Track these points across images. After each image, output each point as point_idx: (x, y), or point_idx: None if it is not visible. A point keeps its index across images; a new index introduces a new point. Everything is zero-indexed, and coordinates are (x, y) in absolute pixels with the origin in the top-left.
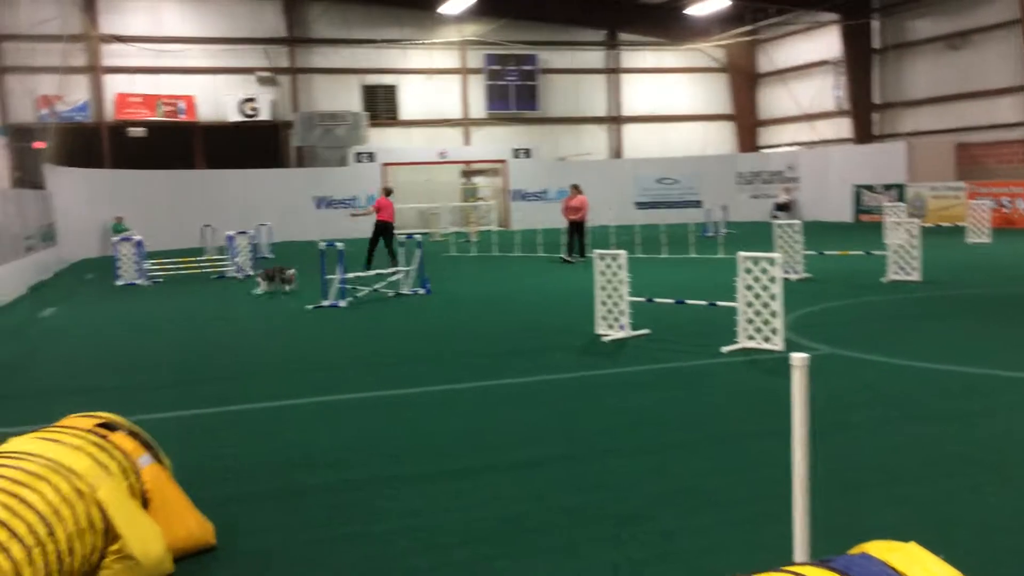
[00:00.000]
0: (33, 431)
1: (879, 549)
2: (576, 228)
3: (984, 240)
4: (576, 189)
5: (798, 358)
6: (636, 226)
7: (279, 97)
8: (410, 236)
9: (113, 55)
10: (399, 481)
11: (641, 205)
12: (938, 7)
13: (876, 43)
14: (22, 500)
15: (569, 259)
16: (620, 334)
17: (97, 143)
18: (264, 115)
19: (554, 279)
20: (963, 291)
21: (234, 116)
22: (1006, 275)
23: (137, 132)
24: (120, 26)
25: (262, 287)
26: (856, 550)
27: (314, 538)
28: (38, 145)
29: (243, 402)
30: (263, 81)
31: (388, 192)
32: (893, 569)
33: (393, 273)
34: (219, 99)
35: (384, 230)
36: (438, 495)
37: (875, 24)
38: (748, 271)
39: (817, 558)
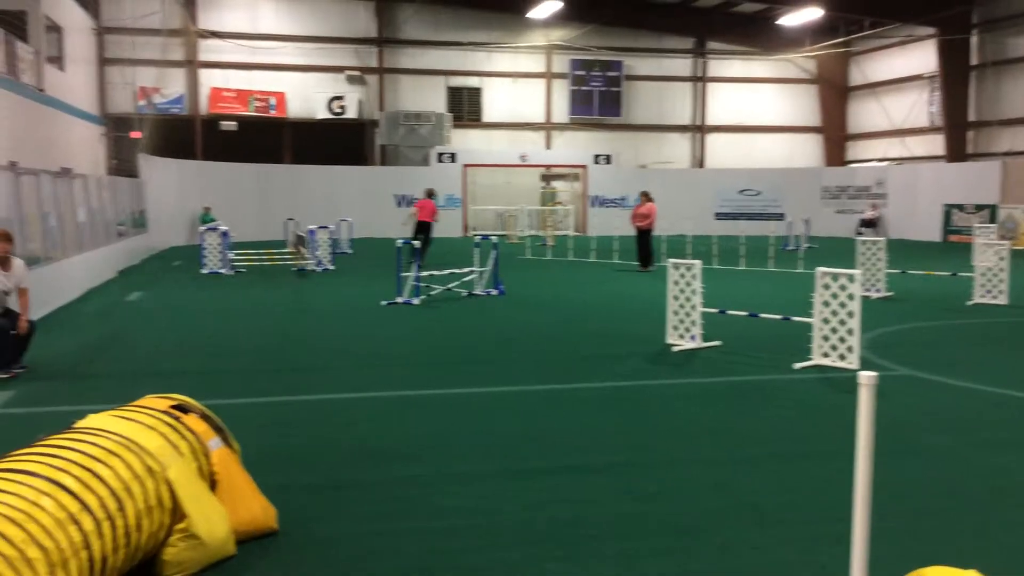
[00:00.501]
0: (111, 409)
1: (938, 574)
2: (643, 236)
3: None
4: (646, 196)
5: (866, 376)
6: (714, 236)
7: (366, 96)
8: (486, 237)
9: (209, 50)
10: (463, 478)
11: (721, 216)
12: None
13: (974, 59)
14: (96, 475)
15: (645, 268)
16: (690, 344)
17: (190, 135)
18: (351, 113)
19: (628, 286)
20: None
21: (322, 113)
22: None
23: (228, 126)
24: (217, 22)
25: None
26: (914, 575)
27: (377, 530)
28: (135, 135)
29: (315, 392)
30: (352, 80)
31: (430, 194)
32: None
33: (468, 272)
34: (309, 96)
35: (422, 229)
36: (500, 494)
37: (973, 40)
38: (826, 287)
39: None
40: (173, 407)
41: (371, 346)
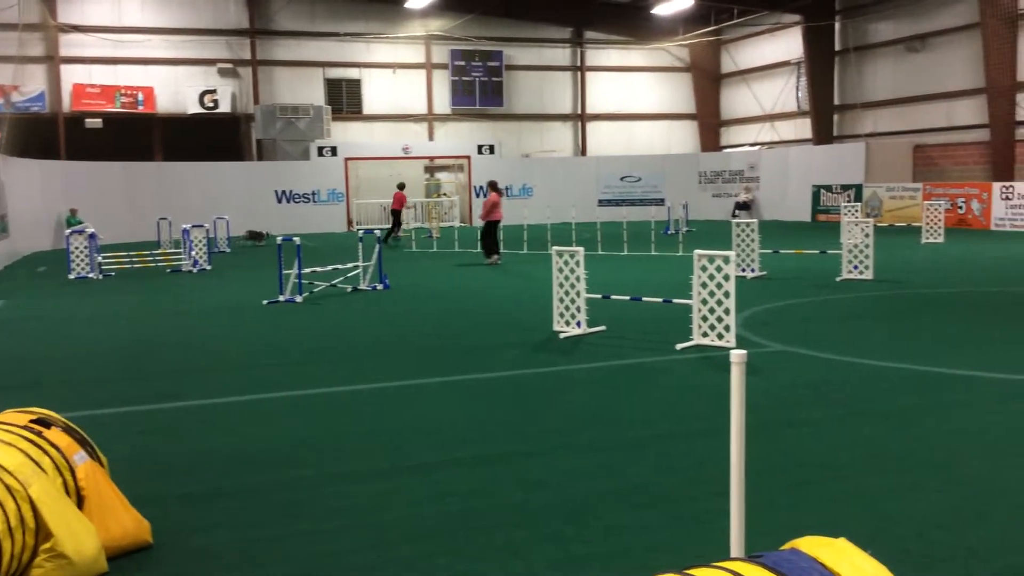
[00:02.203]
0: None
1: (810, 545)
2: (488, 227)
3: (938, 240)
4: (492, 187)
5: (736, 355)
6: (598, 223)
7: (240, 89)
8: (369, 231)
9: (71, 45)
10: (350, 478)
11: (604, 202)
12: (898, 10)
13: (837, 45)
14: None
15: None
16: (576, 331)
17: (53, 134)
18: (224, 107)
19: (515, 275)
20: (913, 290)
21: (194, 108)
22: (957, 275)
23: (94, 123)
24: (79, 15)
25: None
26: (788, 546)
27: (261, 536)
28: None
29: (192, 398)
30: (224, 73)
31: (401, 186)
32: (822, 564)
33: (352, 268)
34: (179, 90)
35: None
36: (387, 492)
37: (837, 26)
38: (703, 269)
39: (751, 553)
40: (33, 421)
41: (252, 347)
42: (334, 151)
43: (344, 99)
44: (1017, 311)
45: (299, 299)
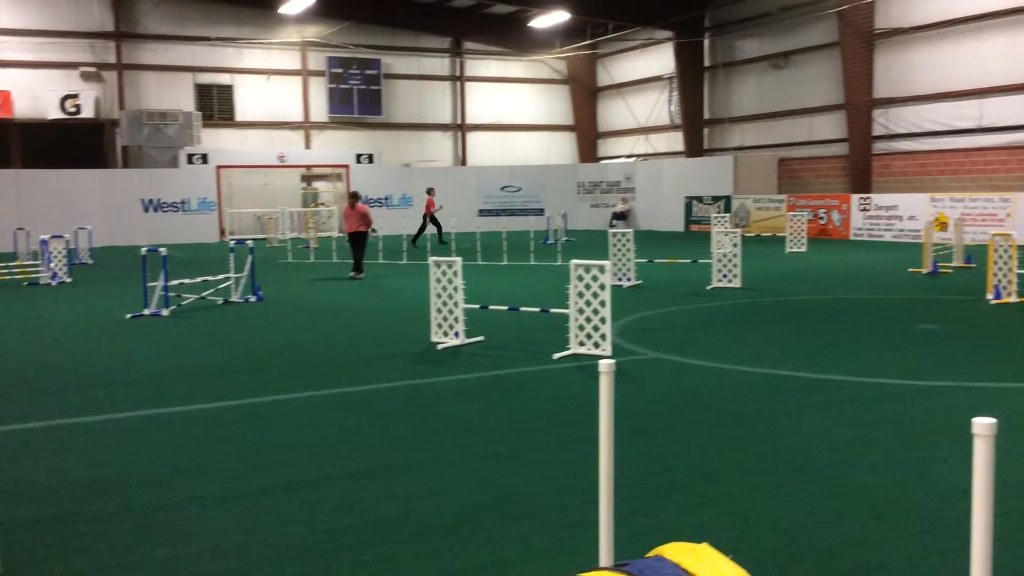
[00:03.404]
0: None
1: (674, 551)
2: (354, 239)
3: (801, 250)
4: (353, 197)
5: (605, 364)
6: (478, 233)
7: (104, 94)
8: (241, 242)
9: None
10: (214, 499)
11: (484, 212)
12: (763, 28)
13: (707, 61)
14: None
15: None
16: (455, 341)
17: None
18: (87, 112)
19: (393, 286)
20: (777, 298)
21: (55, 113)
22: (818, 283)
23: None
24: None
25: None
26: (653, 553)
27: (117, 563)
28: None
29: (47, 418)
30: (87, 77)
31: (430, 191)
32: (685, 571)
33: (223, 279)
34: (38, 95)
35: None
36: (254, 512)
37: (706, 43)
38: (580, 278)
39: (618, 562)
40: None
41: (113, 363)
42: (205, 159)
43: (215, 105)
44: (870, 317)
45: (165, 312)
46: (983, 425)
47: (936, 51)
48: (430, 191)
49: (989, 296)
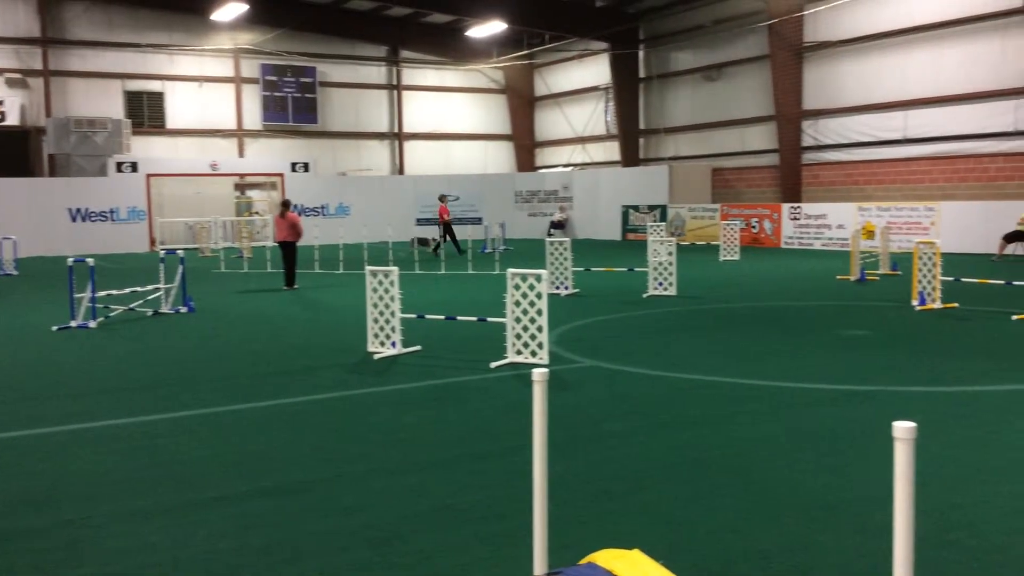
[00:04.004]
0: None
1: (606, 558)
2: (285, 249)
3: (734, 258)
4: (284, 206)
5: (538, 373)
6: (416, 241)
7: (30, 101)
8: (172, 251)
9: None
10: (142, 515)
11: (422, 221)
12: (696, 41)
13: (642, 72)
14: None
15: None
16: (391, 351)
17: None
18: (12, 120)
19: (329, 296)
20: (711, 305)
21: None
22: (750, 291)
23: None
24: None
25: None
26: (585, 560)
27: None
28: None
29: None
30: (12, 84)
31: (442, 198)
32: None
33: (153, 290)
34: None
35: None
36: (185, 528)
37: (641, 55)
38: (517, 287)
39: (552, 569)
40: None
41: (37, 377)
42: (134, 167)
43: (145, 113)
44: (801, 324)
45: (93, 324)
46: (903, 429)
47: (863, 64)
48: (442, 198)
49: (914, 302)
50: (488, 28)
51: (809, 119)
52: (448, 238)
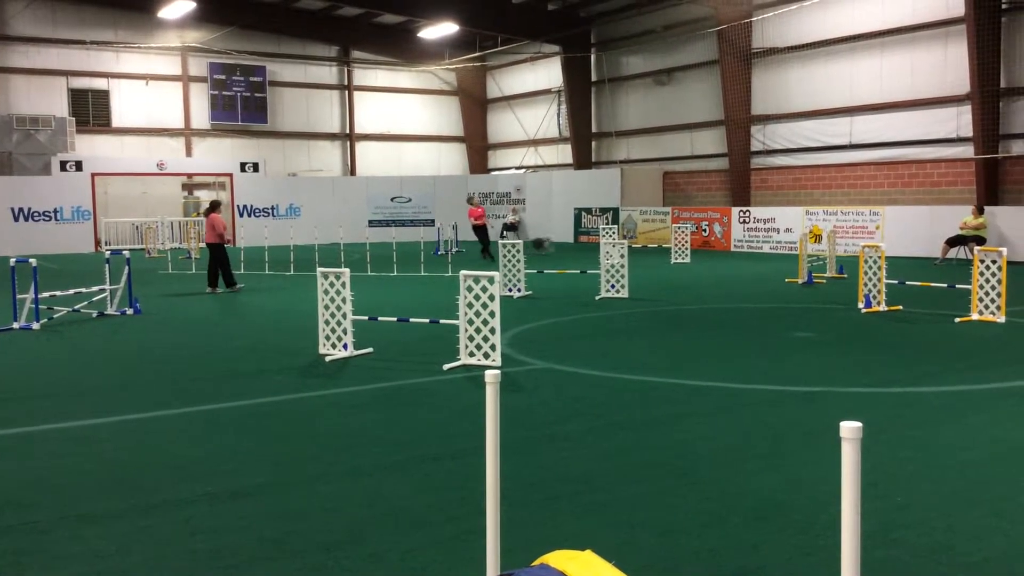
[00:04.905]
0: None
1: (558, 559)
2: (214, 251)
3: (685, 260)
4: (213, 206)
5: (490, 375)
6: (368, 244)
7: None
8: (117, 252)
9: None
10: (87, 520)
11: (374, 223)
12: (647, 45)
13: (594, 76)
14: None
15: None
16: (343, 353)
17: None
18: None
19: (280, 298)
20: (662, 307)
21: None
22: (701, 293)
23: None
24: None
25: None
26: (538, 561)
27: None
28: None
29: None
30: None
31: (470, 199)
32: None
33: (98, 291)
34: None
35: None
36: (130, 533)
37: (592, 58)
38: (470, 289)
39: (505, 571)
40: None
41: None
42: (79, 166)
43: (90, 111)
44: (750, 325)
45: (36, 326)
46: (850, 429)
47: (810, 70)
48: (471, 199)
49: (860, 305)
50: (440, 29)
51: (758, 124)
52: (480, 240)
